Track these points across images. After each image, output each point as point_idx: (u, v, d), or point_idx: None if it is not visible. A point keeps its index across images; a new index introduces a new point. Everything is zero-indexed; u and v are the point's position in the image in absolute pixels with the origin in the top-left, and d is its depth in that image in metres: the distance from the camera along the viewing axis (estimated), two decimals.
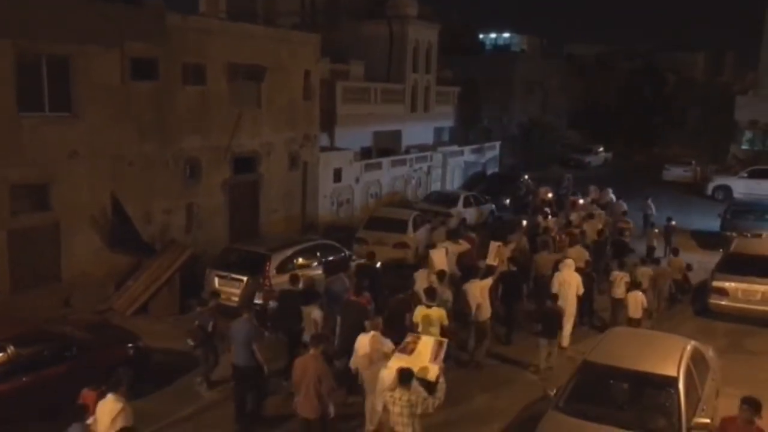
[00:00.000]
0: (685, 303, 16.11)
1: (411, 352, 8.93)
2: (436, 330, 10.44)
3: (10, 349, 9.19)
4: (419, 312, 10.84)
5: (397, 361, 8.53)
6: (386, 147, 27.60)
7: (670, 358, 8.80)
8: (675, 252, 16.65)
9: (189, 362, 11.43)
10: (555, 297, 12.49)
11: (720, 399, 9.94)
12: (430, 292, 11.18)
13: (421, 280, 12.74)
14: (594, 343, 9.99)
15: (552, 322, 11.99)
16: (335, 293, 12.08)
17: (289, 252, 14.23)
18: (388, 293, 12.54)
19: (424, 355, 8.83)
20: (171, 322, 13.66)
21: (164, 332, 12.98)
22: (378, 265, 14.45)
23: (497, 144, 34.71)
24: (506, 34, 63.52)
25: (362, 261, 14.56)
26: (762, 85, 36.21)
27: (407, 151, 28.14)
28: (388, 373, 8.30)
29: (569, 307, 12.85)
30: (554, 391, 8.83)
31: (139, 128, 15.25)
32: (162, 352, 11.72)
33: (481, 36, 57.71)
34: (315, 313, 10.89)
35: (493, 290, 12.69)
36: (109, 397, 7.61)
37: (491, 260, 14.20)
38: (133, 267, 14.81)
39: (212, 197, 17.39)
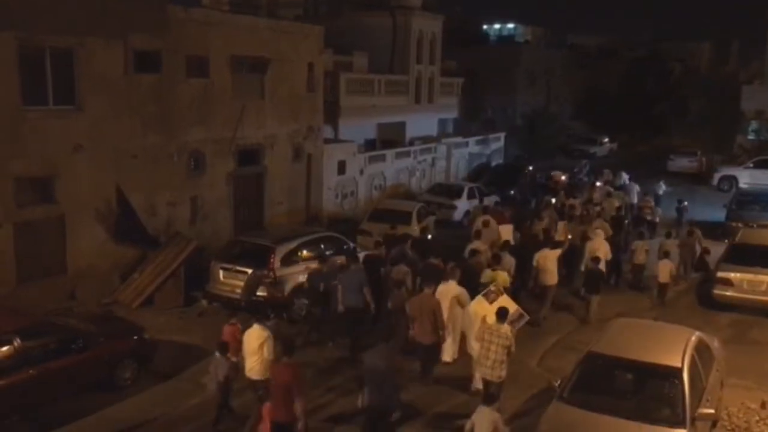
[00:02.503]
0: (691, 294, 16.15)
1: (492, 302, 10.62)
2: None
3: (17, 342, 9.24)
4: (486, 274, 12.54)
5: (479, 303, 10.75)
6: (390, 139, 27.56)
7: (674, 348, 8.79)
8: (691, 227, 17.99)
9: (194, 355, 11.49)
10: (597, 260, 14.31)
11: (724, 390, 9.96)
12: (497, 258, 13.18)
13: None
14: (599, 333, 10.01)
15: (596, 280, 14.10)
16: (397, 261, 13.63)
17: (293, 244, 14.24)
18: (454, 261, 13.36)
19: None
20: (176, 315, 13.72)
21: (169, 324, 13.05)
22: (429, 237, 17.22)
23: (502, 135, 34.62)
24: (510, 25, 63.15)
25: (370, 252, 14.63)
26: None
27: (411, 143, 28.09)
28: (476, 306, 10.71)
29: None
30: (558, 382, 8.84)
31: (142, 121, 15.26)
32: (167, 344, 11.78)
33: (485, 27, 57.45)
34: (403, 269, 12.76)
35: (561, 260, 14.55)
36: (256, 326, 9.12)
37: (561, 236, 16.47)
38: (138, 259, 14.87)
39: (216, 190, 17.42)
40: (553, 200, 21.28)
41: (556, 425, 8.12)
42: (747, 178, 28.95)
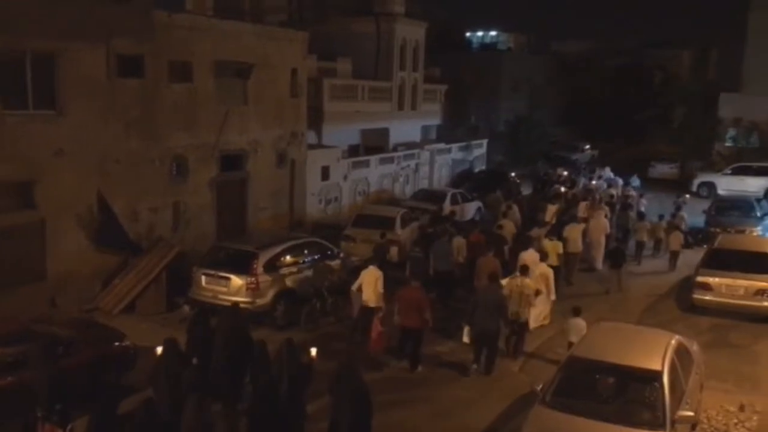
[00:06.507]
0: (671, 299, 16.38)
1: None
2: (554, 256, 15.53)
3: None
4: (546, 244, 15.84)
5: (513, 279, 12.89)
6: (374, 145, 27.61)
7: (654, 352, 8.90)
8: (678, 210, 21.25)
9: None
10: (619, 239, 18.45)
11: (704, 392, 10.09)
12: (553, 231, 17.44)
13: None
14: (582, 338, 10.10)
15: (619, 256, 16.84)
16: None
17: (277, 250, 14.20)
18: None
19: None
20: (158, 321, 13.63)
21: (151, 331, 12.93)
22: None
23: (484, 142, 34.80)
24: (493, 32, 63.59)
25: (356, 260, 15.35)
26: (746, 82, 36.54)
27: (395, 149, 28.16)
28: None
29: (599, 244, 18.46)
30: (540, 386, 8.90)
31: (125, 126, 15.17)
32: (149, 350, 11.67)
33: (468, 34, 57.79)
34: (457, 240, 16.01)
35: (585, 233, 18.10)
36: (371, 267, 12.62)
37: (549, 219, 20.02)
38: (119, 265, 14.76)
39: (199, 195, 17.34)
40: (562, 189, 25.25)
41: (538, 430, 8.18)
42: (725, 184, 29.34)
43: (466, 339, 12.02)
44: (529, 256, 14.44)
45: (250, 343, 9.93)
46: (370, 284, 12.41)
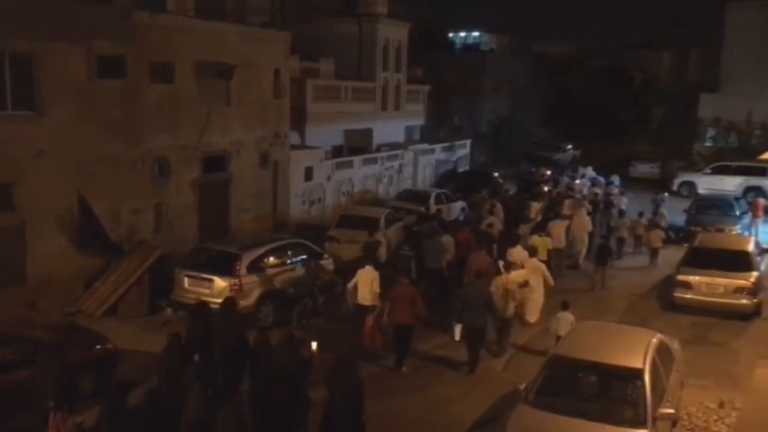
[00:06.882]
0: (653, 297, 16.57)
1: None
2: (544, 251, 15.79)
3: None
4: (535, 240, 16.16)
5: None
6: (357, 145, 27.60)
7: (636, 350, 8.98)
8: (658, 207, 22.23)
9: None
10: (603, 237, 18.75)
11: (684, 390, 10.21)
12: (540, 228, 17.95)
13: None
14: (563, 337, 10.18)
15: (605, 254, 17.17)
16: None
17: (260, 251, 14.16)
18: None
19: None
20: (140, 324, 13.52)
21: (134, 334, 12.85)
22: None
23: (468, 142, 34.91)
24: (475, 33, 63.83)
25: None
26: (724, 83, 37.01)
27: (378, 150, 28.17)
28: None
29: (582, 241, 18.94)
30: (524, 386, 8.96)
31: (106, 127, 15.04)
32: (131, 354, 11.59)
33: (450, 35, 57.93)
34: (446, 239, 16.05)
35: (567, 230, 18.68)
36: (368, 267, 12.74)
37: (535, 215, 20.54)
38: (101, 268, 14.62)
39: (182, 197, 17.23)
40: (546, 188, 25.78)
41: (522, 429, 8.23)
42: (705, 184, 29.67)
43: (457, 337, 12.25)
44: (518, 252, 14.75)
45: (246, 337, 10.25)
46: (366, 283, 12.60)
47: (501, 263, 14.10)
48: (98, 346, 10.85)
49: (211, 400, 7.95)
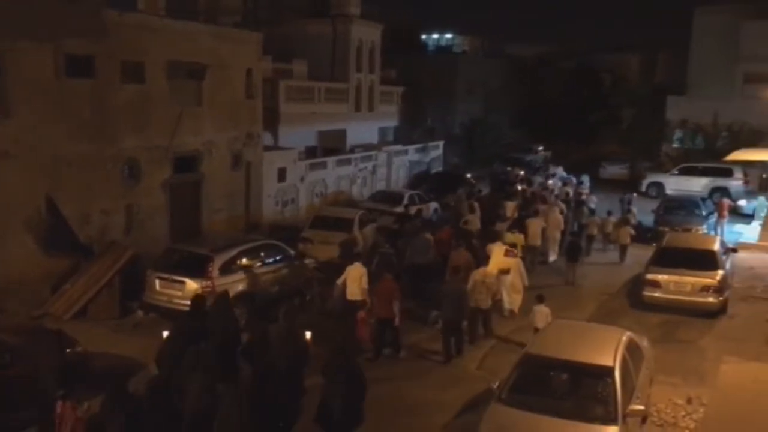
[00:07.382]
0: (622, 296, 16.83)
1: (508, 256, 15.08)
2: (519, 248, 16.37)
3: None
4: (509, 237, 16.96)
5: (498, 254, 15.00)
6: (331, 146, 27.56)
7: (606, 348, 9.11)
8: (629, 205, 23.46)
9: (129, 366, 11.19)
10: (574, 233, 19.44)
11: (653, 386, 10.39)
12: (515, 225, 18.49)
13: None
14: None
15: (576, 250, 17.77)
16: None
17: (232, 252, 14.01)
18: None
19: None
20: (111, 326, 13.33)
21: (104, 336, 12.65)
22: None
23: (441, 143, 35.10)
24: (448, 35, 64.09)
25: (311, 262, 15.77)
26: (691, 86, 37.73)
27: (352, 151, 28.18)
28: (496, 257, 14.98)
29: (554, 239, 19.63)
30: (497, 384, 9.03)
31: (75, 127, 14.82)
32: (102, 356, 11.42)
33: (423, 37, 58.07)
34: (428, 236, 16.52)
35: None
36: (356, 264, 13.28)
37: (510, 214, 21.29)
38: (70, 270, 14.38)
39: (153, 197, 17.04)
40: (519, 187, 26.29)
41: (495, 427, 8.29)
42: (673, 184, 30.21)
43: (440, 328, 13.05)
44: (498, 248, 15.43)
45: (239, 329, 10.81)
46: (355, 280, 13.11)
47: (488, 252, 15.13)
48: (68, 350, 10.66)
49: (212, 388, 8.11)
